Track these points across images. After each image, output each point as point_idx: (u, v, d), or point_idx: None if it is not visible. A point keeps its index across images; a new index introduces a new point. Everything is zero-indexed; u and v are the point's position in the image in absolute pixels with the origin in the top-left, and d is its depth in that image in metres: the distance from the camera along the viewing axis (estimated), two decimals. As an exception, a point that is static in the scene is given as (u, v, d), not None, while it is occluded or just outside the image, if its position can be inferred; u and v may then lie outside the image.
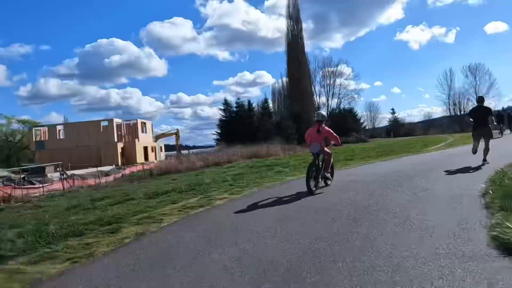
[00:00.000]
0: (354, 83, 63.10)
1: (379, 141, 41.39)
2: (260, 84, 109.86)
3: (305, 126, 49.98)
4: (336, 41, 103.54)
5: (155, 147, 45.65)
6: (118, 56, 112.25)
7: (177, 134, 49.84)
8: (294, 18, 57.19)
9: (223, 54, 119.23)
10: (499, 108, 58.28)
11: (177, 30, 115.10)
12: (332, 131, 7.63)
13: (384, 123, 67.99)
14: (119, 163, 38.77)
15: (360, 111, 73.86)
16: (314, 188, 6.84)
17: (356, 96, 63.07)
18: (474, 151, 9.75)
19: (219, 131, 49.25)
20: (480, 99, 10.07)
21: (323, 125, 7.47)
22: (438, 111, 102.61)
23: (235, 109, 49.04)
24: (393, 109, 67.66)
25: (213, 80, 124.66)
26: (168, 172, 26.10)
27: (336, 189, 7.11)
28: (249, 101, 49.52)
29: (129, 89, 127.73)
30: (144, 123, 44.63)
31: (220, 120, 49.15)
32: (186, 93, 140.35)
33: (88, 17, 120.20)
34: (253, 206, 6.09)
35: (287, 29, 57.10)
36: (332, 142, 7.76)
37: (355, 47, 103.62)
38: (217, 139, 49.68)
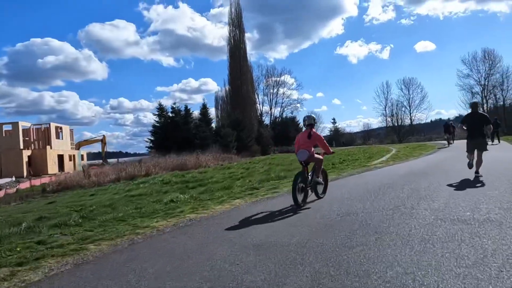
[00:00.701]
0: (297, 93, 61.49)
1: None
2: (205, 92, 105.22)
3: (246, 133, 46.41)
4: (281, 52, 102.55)
5: (74, 155, 38.62)
6: (53, 57, 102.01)
7: (103, 140, 43.13)
8: (236, 23, 53.83)
9: (167, 60, 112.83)
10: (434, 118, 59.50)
11: (119, 33, 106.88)
12: (323, 138, 6.63)
13: (326, 132, 67.34)
14: (24, 174, 31.66)
15: (303, 120, 72.13)
16: (302, 203, 5.78)
17: (299, 105, 61.30)
18: (470, 165, 8.23)
19: (152, 138, 43.49)
20: (474, 105, 8.53)
21: (314, 130, 6.51)
22: (375, 122, 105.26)
23: (170, 115, 43.65)
24: (334, 119, 66.93)
25: (157, 86, 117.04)
26: (67, 188, 20.44)
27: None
28: (186, 106, 44.40)
29: (65, 93, 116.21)
30: (60, 128, 37.41)
31: (154, 126, 43.44)
32: (127, 98, 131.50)
33: (20, 14, 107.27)
34: None
35: (229, 34, 53.67)
36: (322, 151, 6.67)
37: (299, 58, 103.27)
38: (150, 147, 43.94)
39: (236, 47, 53.11)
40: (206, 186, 13.51)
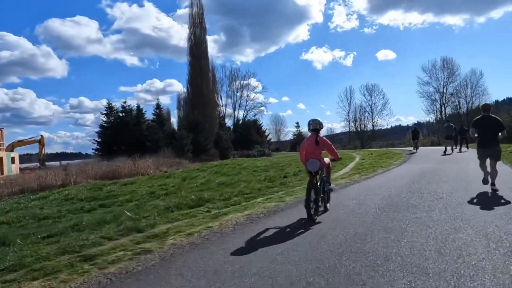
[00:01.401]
0: (263, 96, 58.46)
1: (281, 156, 35.30)
2: (171, 93, 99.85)
3: (204, 136, 42.03)
4: (247, 55, 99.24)
5: (1, 158, 32.73)
6: (8, 52, 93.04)
7: (41, 141, 37.32)
8: (197, 21, 49.54)
9: (131, 59, 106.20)
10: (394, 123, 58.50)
11: (80, 29, 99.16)
12: (330, 144, 5.85)
13: (289, 136, 64.92)
14: None
15: (266, 124, 69.68)
16: (315, 216, 5.26)
17: (263, 108, 58.16)
18: (485, 181, 6.90)
19: (99, 140, 38.26)
20: (486, 108, 7.01)
21: (320, 135, 5.81)
22: (338, 127, 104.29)
23: (120, 115, 38.61)
24: (297, 123, 64.69)
25: (120, 86, 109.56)
26: (-50, 203, 15.49)
27: None
28: (138, 106, 39.63)
29: (21, 90, 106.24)
30: (-16, 126, 31.56)
31: (101, 127, 38.23)
32: (88, 97, 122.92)
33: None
34: None
35: (190, 31, 49.34)
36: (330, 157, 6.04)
37: (265, 62, 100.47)
38: (96, 149, 38.70)
39: (197, 45, 48.93)
40: (110, 207, 9.69)
